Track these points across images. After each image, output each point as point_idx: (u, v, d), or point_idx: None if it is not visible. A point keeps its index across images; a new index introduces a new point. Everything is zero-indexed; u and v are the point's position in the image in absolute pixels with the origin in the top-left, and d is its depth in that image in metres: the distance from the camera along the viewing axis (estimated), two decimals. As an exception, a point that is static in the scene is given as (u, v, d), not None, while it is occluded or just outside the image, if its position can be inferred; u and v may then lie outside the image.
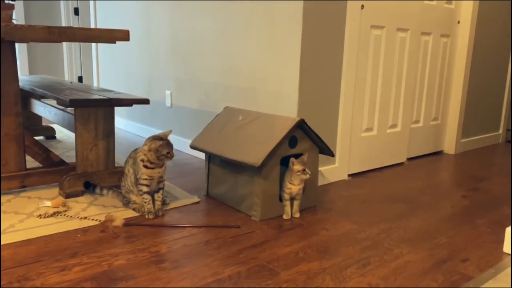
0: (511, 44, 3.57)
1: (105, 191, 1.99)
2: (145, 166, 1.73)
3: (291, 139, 1.82)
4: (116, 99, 1.95)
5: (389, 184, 2.40)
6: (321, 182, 2.31)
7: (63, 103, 1.90)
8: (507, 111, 3.72)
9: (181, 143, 3.04)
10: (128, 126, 3.70)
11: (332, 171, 2.37)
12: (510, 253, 1.57)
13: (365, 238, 1.67)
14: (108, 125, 2.04)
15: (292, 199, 1.84)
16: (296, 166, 1.76)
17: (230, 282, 1.31)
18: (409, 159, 3.00)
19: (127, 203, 1.86)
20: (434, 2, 2.87)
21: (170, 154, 1.72)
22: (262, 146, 1.76)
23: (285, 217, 1.83)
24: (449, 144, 3.26)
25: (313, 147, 1.92)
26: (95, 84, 4.15)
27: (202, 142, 2.03)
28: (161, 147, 1.70)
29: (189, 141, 2.97)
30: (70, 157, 2.67)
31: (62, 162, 2.13)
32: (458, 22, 3.08)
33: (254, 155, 1.74)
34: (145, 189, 1.77)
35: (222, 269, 1.39)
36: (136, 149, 1.84)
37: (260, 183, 1.77)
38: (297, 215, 1.85)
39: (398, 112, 2.77)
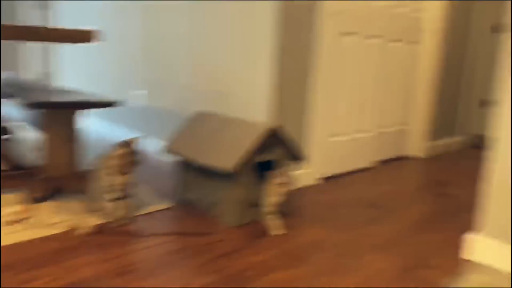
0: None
1: (72, 196, 1.93)
2: (113, 173, 1.69)
3: (264, 145, 1.81)
4: (85, 102, 1.89)
5: (359, 189, 2.44)
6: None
7: (29, 106, 1.82)
8: (474, 116, 3.85)
9: (153, 144, 2.98)
10: (99, 126, 3.60)
11: (304, 175, 2.39)
12: (469, 259, 1.62)
13: (335, 245, 1.69)
14: (74, 128, 1.98)
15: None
16: (275, 179, 1.76)
17: (201, 293, 1.30)
18: (378, 162, 3.06)
19: (94, 208, 1.80)
20: (403, 10, 2.94)
21: (137, 161, 1.69)
22: (235, 151, 1.75)
23: (273, 232, 1.77)
24: (417, 148, 3.35)
25: (286, 153, 1.93)
26: (60, 83, 4.02)
27: (175, 146, 1.99)
28: (128, 154, 1.66)
29: (162, 142, 2.92)
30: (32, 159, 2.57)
31: (27, 166, 2.05)
32: (425, 30, 3.17)
33: (227, 161, 1.72)
34: (114, 195, 1.72)
35: (194, 279, 1.37)
36: (103, 155, 1.79)
37: (233, 189, 1.76)
38: (281, 230, 1.82)
39: (367, 116, 2.82)
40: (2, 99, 2.64)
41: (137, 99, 3.05)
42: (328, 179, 2.58)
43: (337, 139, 2.62)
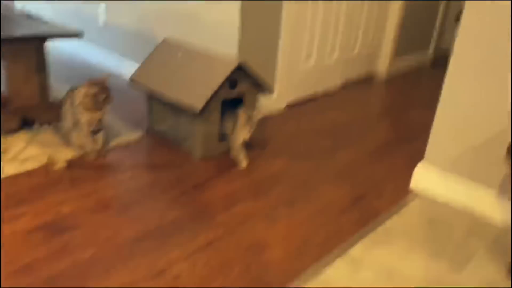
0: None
1: (43, 128, 1.98)
2: (84, 110, 1.73)
3: (231, 81, 1.87)
4: (47, 34, 1.84)
5: (321, 117, 2.55)
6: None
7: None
8: (438, 29, 3.90)
9: (117, 63, 2.94)
10: (62, 43, 3.47)
11: (270, 102, 2.48)
12: (416, 187, 1.84)
13: (294, 176, 1.86)
14: (41, 59, 1.95)
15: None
16: (241, 120, 1.84)
17: (173, 227, 1.46)
18: (344, 85, 3.15)
19: (67, 142, 1.87)
20: None
21: (108, 100, 1.72)
22: (203, 89, 1.80)
23: (243, 165, 1.89)
24: (382, 69, 3.44)
25: (253, 87, 1.99)
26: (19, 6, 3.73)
27: (142, 77, 2.01)
28: (99, 92, 1.69)
29: (126, 61, 2.89)
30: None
31: (-8, 96, 2.04)
32: None
33: (195, 99, 1.78)
34: (85, 130, 1.78)
35: (165, 213, 1.53)
36: (72, 89, 1.81)
37: (201, 125, 1.85)
38: (245, 163, 1.94)
39: (336, 40, 2.84)
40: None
41: (99, 15, 2.92)
42: (293, 106, 2.67)
43: (303, 66, 2.67)
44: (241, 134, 1.88)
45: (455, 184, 1.73)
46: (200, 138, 1.87)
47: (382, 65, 3.41)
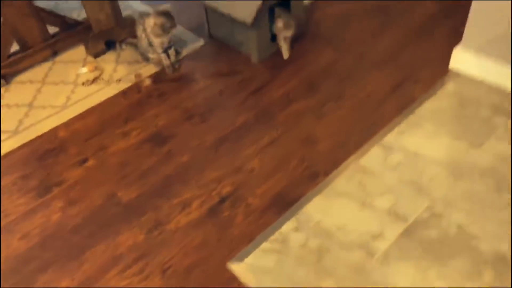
0: None
1: (124, 46, 2.33)
2: (155, 36, 2.04)
3: (276, -13, 2.01)
4: (109, -31, 2.06)
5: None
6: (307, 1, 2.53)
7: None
8: None
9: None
10: None
11: (318, -16, 2.54)
12: (454, 69, 2.00)
13: (342, 68, 2.10)
14: (108, -14, 2.20)
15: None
16: (279, 24, 2.04)
17: (243, 130, 1.87)
18: None
19: (146, 59, 2.24)
20: None
21: (173, 25, 2.00)
22: (252, 1, 1.98)
23: (285, 57, 2.18)
24: None
25: (297, -14, 2.11)
26: None
27: (196, -9, 2.21)
28: (165, 22, 1.96)
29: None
30: (77, 8, 2.85)
31: (77, 23, 2.39)
32: None
33: (246, 12, 1.99)
34: (159, 50, 2.12)
35: (236, 118, 1.92)
36: (142, 15, 2.09)
37: (253, 33, 2.08)
38: (287, 56, 2.19)
39: None
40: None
41: None
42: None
43: None
44: (282, 33, 2.11)
45: (490, 65, 1.88)
46: (254, 44, 2.13)
47: None
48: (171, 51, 2.17)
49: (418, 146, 1.71)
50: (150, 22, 2.00)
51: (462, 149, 1.68)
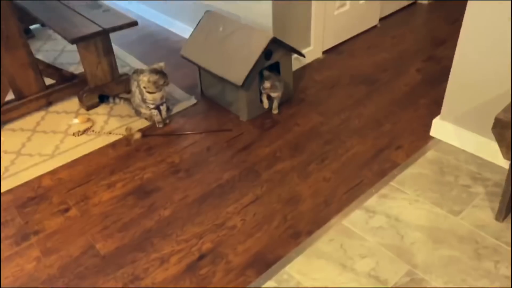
0: None
1: (117, 100, 2.40)
2: (148, 92, 2.11)
3: (266, 52, 2.13)
4: (110, 28, 2.18)
5: (357, 60, 2.75)
6: (296, 66, 2.67)
7: (67, 40, 2.14)
8: None
9: (166, 22, 3.24)
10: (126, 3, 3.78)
11: (307, 53, 2.69)
12: (434, 138, 2.08)
13: (327, 131, 2.17)
14: (106, 44, 2.31)
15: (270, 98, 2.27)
16: (266, 84, 2.15)
17: (228, 186, 1.88)
18: (382, 18, 3.22)
19: (138, 113, 2.30)
20: None
21: (166, 83, 2.09)
22: (243, 65, 2.09)
23: (265, 107, 2.29)
24: (424, -6, 3.41)
25: (287, 54, 2.24)
26: None
27: (190, 53, 2.33)
28: (158, 79, 2.05)
29: (174, 20, 3.18)
30: (74, 63, 2.97)
31: (74, 76, 2.47)
32: None
33: (237, 74, 2.09)
34: (151, 106, 2.18)
35: (222, 174, 1.95)
36: (137, 71, 2.18)
37: (244, 95, 2.17)
38: (276, 111, 2.30)
39: (372, -22, 2.89)
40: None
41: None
42: (332, 49, 2.86)
43: (342, 10, 2.79)
44: (268, 92, 2.22)
45: (468, 135, 1.96)
46: (244, 104, 2.21)
47: (423, -8, 3.39)
48: (163, 107, 2.24)
49: (399, 211, 1.73)
50: (145, 78, 2.08)
51: (441, 216, 1.70)
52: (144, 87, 2.11)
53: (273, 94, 2.21)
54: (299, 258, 1.56)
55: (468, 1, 1.72)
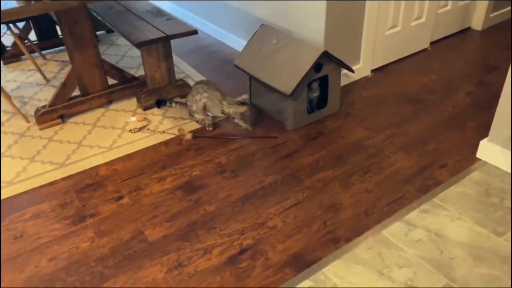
0: None
1: (173, 104, 2.55)
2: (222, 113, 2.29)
3: (316, 65, 2.21)
4: (172, 35, 2.35)
5: (405, 80, 2.78)
6: (345, 82, 2.73)
7: (133, 43, 2.33)
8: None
9: (221, 35, 3.40)
10: (172, 10, 4.00)
11: (356, 70, 2.76)
12: (481, 158, 2.07)
13: (371, 146, 2.21)
14: (166, 50, 2.48)
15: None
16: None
17: (270, 189, 1.96)
18: (434, 42, 3.24)
19: (191, 116, 2.43)
20: None
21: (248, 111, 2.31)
22: (293, 75, 2.18)
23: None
24: (477, 20, 3.40)
25: (336, 67, 2.31)
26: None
27: (243, 62, 2.45)
28: (246, 110, 2.26)
29: (229, 34, 3.34)
30: (134, 67, 3.17)
31: (134, 78, 2.66)
32: None
33: (286, 84, 2.18)
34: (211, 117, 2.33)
35: (265, 178, 2.03)
36: (208, 83, 2.32)
37: (291, 104, 2.26)
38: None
39: (425, 2, 2.92)
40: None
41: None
42: (381, 68, 2.91)
43: (393, 31, 2.84)
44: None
45: (517, 157, 1.94)
46: (291, 114, 2.30)
47: (478, 17, 3.37)
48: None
49: (440, 227, 1.73)
50: (234, 111, 2.26)
51: (484, 235, 1.69)
52: (223, 111, 2.28)
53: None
54: (337, 261, 1.60)
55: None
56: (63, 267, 1.62)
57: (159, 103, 2.56)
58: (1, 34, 2.93)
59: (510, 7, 3.53)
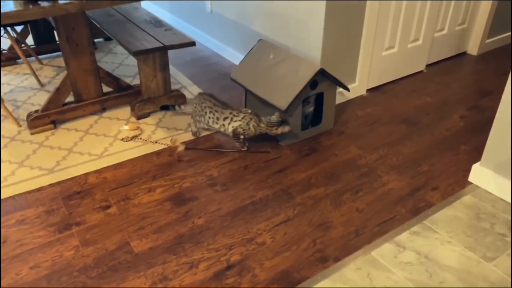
0: None
1: (182, 107, 2.54)
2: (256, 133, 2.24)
3: (312, 82, 2.21)
4: (169, 45, 2.35)
5: (400, 101, 2.79)
6: (340, 100, 2.74)
7: (130, 52, 2.32)
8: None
9: (219, 48, 3.41)
10: (171, 20, 4.02)
11: (352, 88, 2.76)
12: (473, 182, 2.07)
13: (364, 165, 2.20)
14: (163, 60, 2.47)
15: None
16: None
17: (261, 204, 1.94)
18: (429, 65, 3.27)
19: (193, 122, 2.39)
20: None
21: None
22: (288, 91, 2.18)
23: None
24: (473, 45, 3.44)
25: (332, 85, 2.32)
26: None
27: (240, 76, 2.45)
28: (290, 131, 2.21)
29: (227, 47, 3.35)
30: (130, 76, 3.17)
31: (129, 87, 2.65)
32: None
33: (282, 100, 2.18)
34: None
35: (256, 192, 2.01)
36: (201, 93, 2.31)
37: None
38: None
39: (422, 25, 2.95)
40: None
41: (206, 4, 3.37)
42: (377, 88, 2.92)
43: (389, 52, 2.86)
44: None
45: (507, 184, 1.94)
46: (285, 129, 2.29)
47: (474, 42, 3.42)
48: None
49: (430, 249, 1.72)
50: (284, 130, 2.20)
51: (473, 260, 1.67)
52: (263, 133, 2.23)
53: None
54: (325, 281, 1.58)
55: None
56: (44, 276, 1.58)
57: (167, 106, 2.56)
58: (-2, 37, 2.92)
59: (505, 34, 3.58)
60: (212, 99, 2.30)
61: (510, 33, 3.62)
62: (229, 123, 2.25)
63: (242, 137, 2.26)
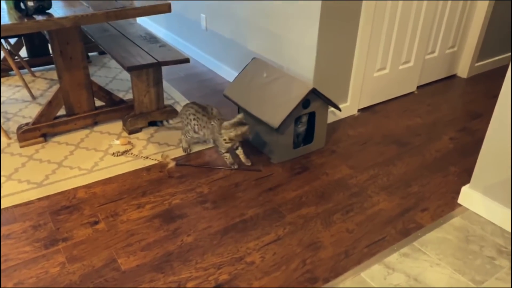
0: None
1: (171, 121, 2.51)
2: (226, 142, 2.20)
3: (304, 101, 2.23)
4: (163, 61, 2.36)
5: (391, 121, 2.82)
6: (332, 119, 2.76)
7: (124, 67, 2.33)
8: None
9: (213, 65, 3.44)
10: (166, 36, 4.05)
11: (343, 108, 2.79)
12: (462, 204, 2.08)
13: (354, 184, 2.21)
14: (157, 76, 2.48)
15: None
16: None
17: (251, 222, 1.93)
18: (420, 86, 3.31)
19: (184, 138, 2.37)
20: None
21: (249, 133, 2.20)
22: (281, 109, 2.20)
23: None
24: (463, 68, 3.50)
25: (323, 105, 2.34)
26: None
27: (233, 93, 2.47)
28: (247, 130, 2.15)
29: (221, 64, 3.37)
30: (123, 91, 3.17)
31: (122, 101, 2.65)
32: None
33: (274, 118, 2.19)
34: (223, 150, 2.26)
35: (247, 210, 2.00)
36: (188, 106, 2.31)
37: (278, 137, 2.26)
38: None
39: (413, 47, 3.00)
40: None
41: (201, 21, 3.40)
42: (368, 108, 2.95)
43: (381, 73, 2.90)
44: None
45: (496, 207, 1.95)
46: (276, 147, 2.30)
47: (464, 65, 3.48)
48: (240, 150, 2.30)
49: (419, 272, 1.72)
50: (232, 134, 2.15)
51: (462, 283, 1.67)
52: (225, 139, 2.17)
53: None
54: (313, 302, 1.56)
55: (506, 77, 1.78)
56: (28, 293, 1.55)
57: (155, 122, 2.56)
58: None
59: (494, 58, 3.65)
60: (195, 105, 2.31)
61: (499, 57, 3.69)
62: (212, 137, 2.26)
63: (227, 153, 2.26)
